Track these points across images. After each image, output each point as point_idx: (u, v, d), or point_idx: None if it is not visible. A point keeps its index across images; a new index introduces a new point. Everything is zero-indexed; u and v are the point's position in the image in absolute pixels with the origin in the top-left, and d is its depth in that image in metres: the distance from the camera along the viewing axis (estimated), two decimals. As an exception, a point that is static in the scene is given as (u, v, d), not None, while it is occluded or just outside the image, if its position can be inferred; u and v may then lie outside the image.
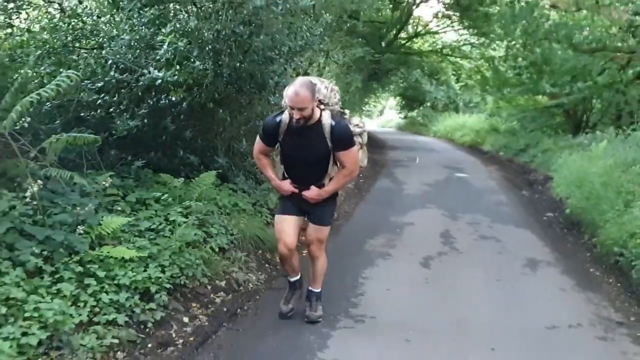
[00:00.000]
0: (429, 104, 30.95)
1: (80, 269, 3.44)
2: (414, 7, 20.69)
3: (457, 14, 20.35)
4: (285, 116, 3.86)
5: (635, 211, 5.69)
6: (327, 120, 3.82)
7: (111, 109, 4.79)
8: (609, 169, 7.72)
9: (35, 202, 3.46)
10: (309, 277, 4.25)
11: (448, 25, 21.83)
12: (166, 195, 4.78)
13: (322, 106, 3.89)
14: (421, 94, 29.57)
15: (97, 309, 3.31)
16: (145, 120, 4.92)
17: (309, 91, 3.62)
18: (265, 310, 4.32)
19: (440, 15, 20.91)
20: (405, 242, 6.58)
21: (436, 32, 22.92)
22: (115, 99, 4.89)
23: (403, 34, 22.04)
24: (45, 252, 3.40)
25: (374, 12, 15.78)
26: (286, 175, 4.15)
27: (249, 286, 4.74)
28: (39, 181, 3.44)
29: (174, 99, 5.36)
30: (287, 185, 4.05)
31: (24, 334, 2.78)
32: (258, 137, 4.11)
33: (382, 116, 42.50)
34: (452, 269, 5.66)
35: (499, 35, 18.52)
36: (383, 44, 20.20)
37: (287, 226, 4.03)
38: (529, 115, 19.15)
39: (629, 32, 10.89)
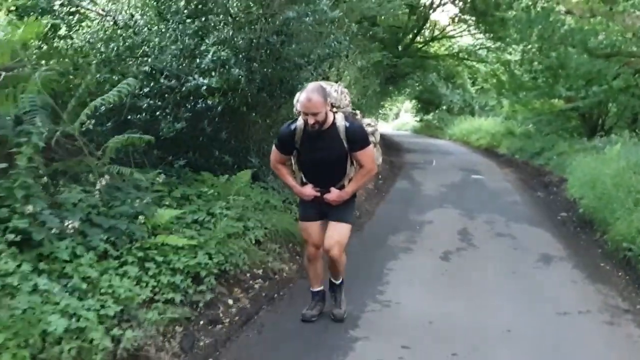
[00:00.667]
0: (444, 107, 31.32)
1: (141, 254, 3.92)
2: (431, 11, 21.15)
3: (473, 18, 20.72)
4: (299, 123, 3.98)
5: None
6: (340, 122, 3.97)
7: (157, 112, 5.27)
8: (621, 170, 8.06)
9: (100, 195, 3.94)
10: (329, 275, 4.36)
11: (464, 30, 22.20)
12: (209, 191, 5.25)
13: (334, 109, 4.03)
14: (437, 97, 29.97)
15: (157, 289, 3.78)
16: (184, 123, 5.39)
17: (320, 96, 3.76)
18: (299, 296, 4.76)
19: (456, 19, 21.29)
20: (425, 239, 7.01)
21: (452, 37, 23.32)
22: (160, 103, 5.36)
23: (419, 38, 22.45)
24: (110, 239, 3.87)
25: (391, 17, 16.18)
26: (304, 180, 4.25)
27: (283, 275, 5.20)
28: (106, 176, 3.92)
29: (210, 103, 5.84)
30: (308, 190, 4.16)
31: (102, 307, 3.24)
32: (274, 147, 4.23)
33: (398, 119, 42.93)
34: (469, 263, 6.08)
35: (515, 39, 18.80)
36: (400, 48, 20.65)
37: (312, 229, 4.22)
38: (544, 119, 19.46)
39: (641, 37, 11.21)
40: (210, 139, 6.20)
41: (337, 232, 4.13)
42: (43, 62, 4.67)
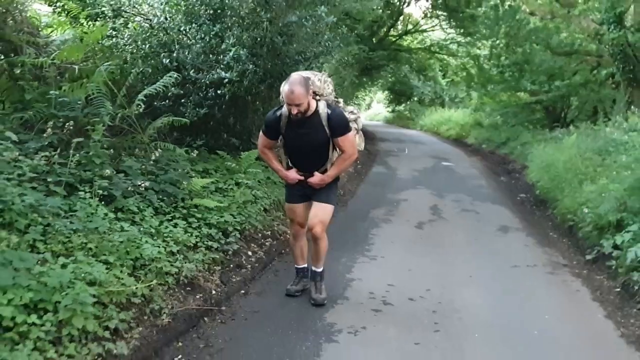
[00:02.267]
0: (416, 99, 32.74)
1: (184, 211, 5.05)
2: (404, 5, 22.42)
3: (445, 14, 22.03)
4: (284, 110, 4.25)
5: (585, 187, 7.37)
6: (323, 109, 4.24)
7: (182, 100, 6.36)
8: (572, 157, 9.40)
9: (154, 164, 5.05)
10: (310, 258, 4.72)
11: (436, 25, 23.54)
12: (225, 167, 6.38)
13: (317, 97, 4.28)
14: (409, 89, 31.36)
15: (198, 238, 4.90)
16: (207, 109, 6.49)
17: (303, 88, 4.02)
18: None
19: (429, 14, 22.58)
20: (402, 212, 8.25)
21: (425, 31, 24.65)
22: (182, 92, 6.45)
23: (393, 32, 23.69)
24: (161, 199, 4.98)
25: (368, 11, 17.31)
26: (290, 164, 4.56)
27: (286, 236, 6.34)
28: (159, 149, 5.03)
29: (219, 92, 6.93)
30: (293, 175, 4.47)
31: (166, 247, 4.37)
32: (261, 133, 4.50)
33: (370, 109, 44.26)
34: (440, 231, 7.35)
35: (484, 35, 20.22)
36: (374, 41, 21.88)
37: (297, 211, 4.59)
38: (510, 111, 20.81)
39: (596, 39, 12.61)
40: (219, 123, 7.32)
41: (321, 212, 4.47)
42: (98, 57, 5.69)
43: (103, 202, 4.31)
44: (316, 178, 4.42)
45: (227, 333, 3.91)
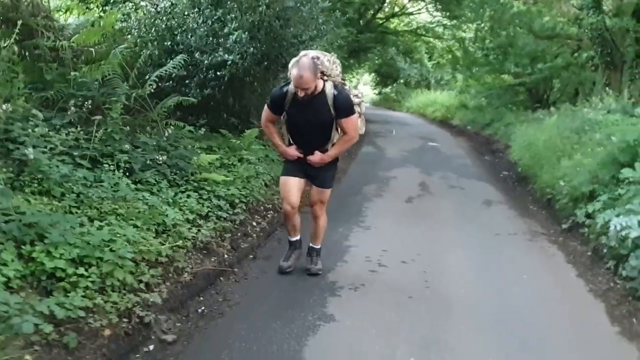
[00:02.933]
0: (402, 81, 33.21)
1: (195, 184, 5.51)
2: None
3: (432, -3, 22.48)
4: (291, 87, 4.33)
5: (562, 163, 7.91)
6: (330, 90, 4.32)
7: (187, 81, 6.78)
8: (552, 136, 9.96)
9: (166, 140, 5.49)
10: (309, 236, 4.93)
11: (422, 8, 23.95)
12: (227, 144, 6.83)
13: (325, 77, 4.34)
14: (395, 71, 31.82)
15: (209, 208, 5.37)
16: (211, 90, 6.92)
17: (312, 73, 4.12)
18: (301, 224, 6.41)
19: (416, -3, 23.02)
20: (392, 188, 8.77)
21: (411, 13, 25.06)
22: (185, 74, 6.87)
23: (380, 15, 24.07)
24: (174, 172, 5.44)
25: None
26: (291, 141, 4.65)
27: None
28: (171, 127, 5.47)
29: (218, 73, 7.34)
30: (292, 151, 4.58)
31: (183, 214, 4.83)
32: (266, 107, 4.60)
33: (355, 90, 44.58)
34: (428, 204, 7.88)
35: (469, 18, 20.68)
36: (362, 24, 22.25)
37: (291, 186, 4.60)
38: (495, 93, 21.34)
39: (576, 23, 13.14)
40: (219, 103, 7.74)
41: (320, 194, 4.72)
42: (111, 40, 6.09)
43: (124, 174, 4.77)
44: (316, 157, 4.52)
45: (241, 290, 4.40)
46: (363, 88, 43.53)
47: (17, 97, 4.66)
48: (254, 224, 5.99)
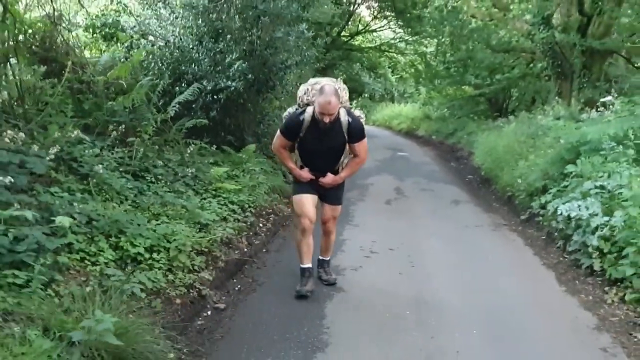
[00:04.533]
0: (367, 95, 34.70)
1: (213, 192, 6.62)
2: (355, 6, 24.22)
3: (393, 14, 23.96)
4: (307, 115, 4.60)
5: (520, 164, 9.23)
6: (344, 117, 4.57)
7: (193, 105, 7.88)
8: (510, 141, 11.33)
9: (189, 156, 6.60)
10: (320, 250, 5.29)
11: (385, 25, 25.47)
12: (231, 159, 7.95)
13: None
14: (360, 86, 33.23)
15: (227, 212, 6.48)
16: (216, 113, 8.03)
17: (337, 99, 4.40)
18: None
19: (378, 15, 24.48)
20: (372, 193, 9.99)
21: (374, 31, 26.56)
22: (192, 99, 7.97)
23: (345, 32, 25.49)
24: (193, 183, 6.54)
25: (325, 17, 18.98)
26: (301, 164, 4.92)
27: (284, 213, 7.97)
28: (193, 145, 6.57)
29: (215, 97, 8.45)
30: (306, 174, 4.83)
31: (210, 216, 5.94)
32: (279, 133, 4.82)
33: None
34: (404, 205, 9.12)
35: (430, 34, 22.21)
36: (327, 42, 23.58)
37: (307, 203, 4.85)
38: (457, 104, 22.85)
39: (528, 38, 14.65)
40: (217, 123, 8.84)
41: (334, 210, 5.08)
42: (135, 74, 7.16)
43: (163, 185, 5.86)
44: (329, 179, 4.83)
45: (264, 274, 5.52)
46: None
47: (68, 124, 5.71)
48: (261, 225, 7.11)
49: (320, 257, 5.30)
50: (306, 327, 4.31)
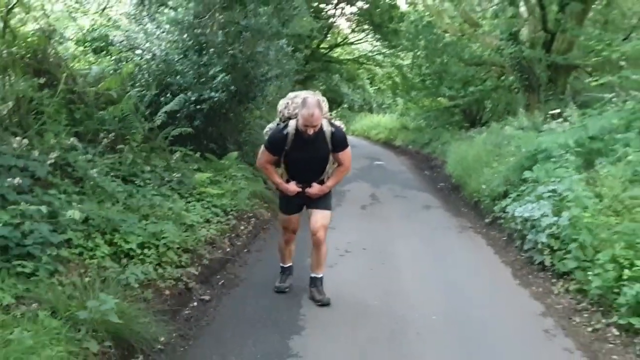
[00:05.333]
0: (346, 106, 35.35)
1: (197, 196, 7.08)
2: (332, 19, 24.89)
3: (371, 28, 24.65)
4: (291, 129, 4.67)
5: (485, 171, 9.81)
6: (327, 127, 4.67)
7: (178, 114, 8.34)
8: (480, 150, 11.93)
9: (174, 162, 7.05)
10: (311, 267, 5.27)
11: (363, 38, 26.16)
12: (214, 165, 8.41)
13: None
14: (339, 96, 33.90)
15: (211, 215, 6.93)
16: (199, 122, 8.50)
17: (320, 110, 4.49)
18: (277, 229, 8.02)
19: (357, 29, 25.17)
20: (348, 199, 10.50)
21: (353, 43, 27.23)
22: (177, 109, 8.43)
23: (324, 44, 26.12)
24: (180, 187, 6.99)
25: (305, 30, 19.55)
26: (288, 177, 5.00)
27: (265, 217, 8.44)
28: (178, 152, 7.03)
29: (198, 107, 8.91)
30: (293, 187, 4.89)
31: (195, 217, 6.39)
32: (263, 149, 4.90)
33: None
34: (379, 210, 9.65)
35: (406, 47, 22.85)
36: (307, 54, 24.19)
37: (293, 220, 5.16)
38: (432, 115, 23.43)
39: (498, 52, 15.34)
40: (200, 132, 9.29)
41: (321, 217, 4.98)
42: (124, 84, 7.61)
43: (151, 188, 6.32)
44: (315, 189, 4.89)
45: (245, 271, 5.99)
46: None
47: (61, 132, 6.14)
48: (242, 227, 7.57)
49: (312, 275, 5.18)
50: (284, 315, 4.79)
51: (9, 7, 6.00)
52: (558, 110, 9.70)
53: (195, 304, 4.96)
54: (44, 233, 4.10)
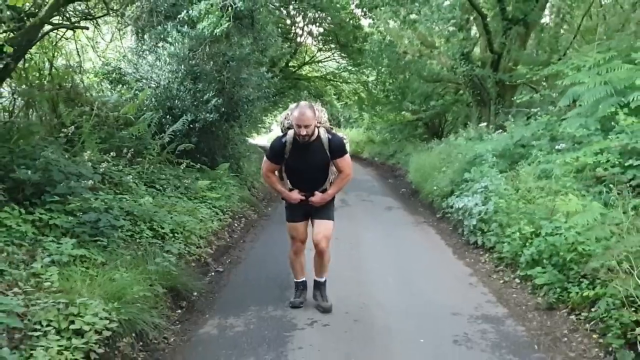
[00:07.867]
0: (314, 120, 37.32)
1: (200, 199, 8.95)
2: (300, 38, 26.90)
3: (337, 47, 26.75)
4: (289, 137, 4.89)
5: (438, 176, 11.85)
6: (324, 135, 4.87)
7: (177, 133, 10.19)
8: (436, 159, 14.00)
9: (182, 171, 8.92)
10: (314, 271, 5.66)
11: (330, 56, 28.25)
12: (208, 174, 10.29)
13: (318, 124, 4.86)
14: (308, 112, 35.85)
15: (213, 213, 8.80)
16: (196, 139, 10.37)
17: (311, 111, 4.67)
18: (263, 227, 9.92)
19: (323, 47, 27.23)
20: (321, 203, 12.44)
21: (320, 61, 29.31)
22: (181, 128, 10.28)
23: (293, 62, 28.12)
24: (186, 192, 8.86)
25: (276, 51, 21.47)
26: (290, 186, 5.20)
27: (253, 217, 10.33)
28: (185, 164, 8.91)
29: (191, 126, 10.78)
30: (295, 195, 5.09)
31: (199, 215, 8.26)
32: (266, 159, 5.11)
33: (271, 132, 48.55)
34: (348, 212, 11.63)
35: (370, 65, 24.95)
36: (277, 72, 26.15)
37: (299, 227, 5.35)
38: (397, 128, 25.55)
39: (452, 71, 17.53)
40: (194, 147, 11.17)
41: (324, 228, 5.21)
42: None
43: (164, 193, 8.19)
44: (317, 197, 5.09)
45: (244, 254, 7.88)
46: (276, 128, 47.41)
47: (94, 148, 7.98)
48: (236, 225, 9.46)
49: (316, 279, 5.52)
50: (279, 279, 6.70)
51: (54, 53, 7.84)
52: (503, 122, 11.81)
53: (213, 273, 6.85)
54: (111, 220, 5.93)
